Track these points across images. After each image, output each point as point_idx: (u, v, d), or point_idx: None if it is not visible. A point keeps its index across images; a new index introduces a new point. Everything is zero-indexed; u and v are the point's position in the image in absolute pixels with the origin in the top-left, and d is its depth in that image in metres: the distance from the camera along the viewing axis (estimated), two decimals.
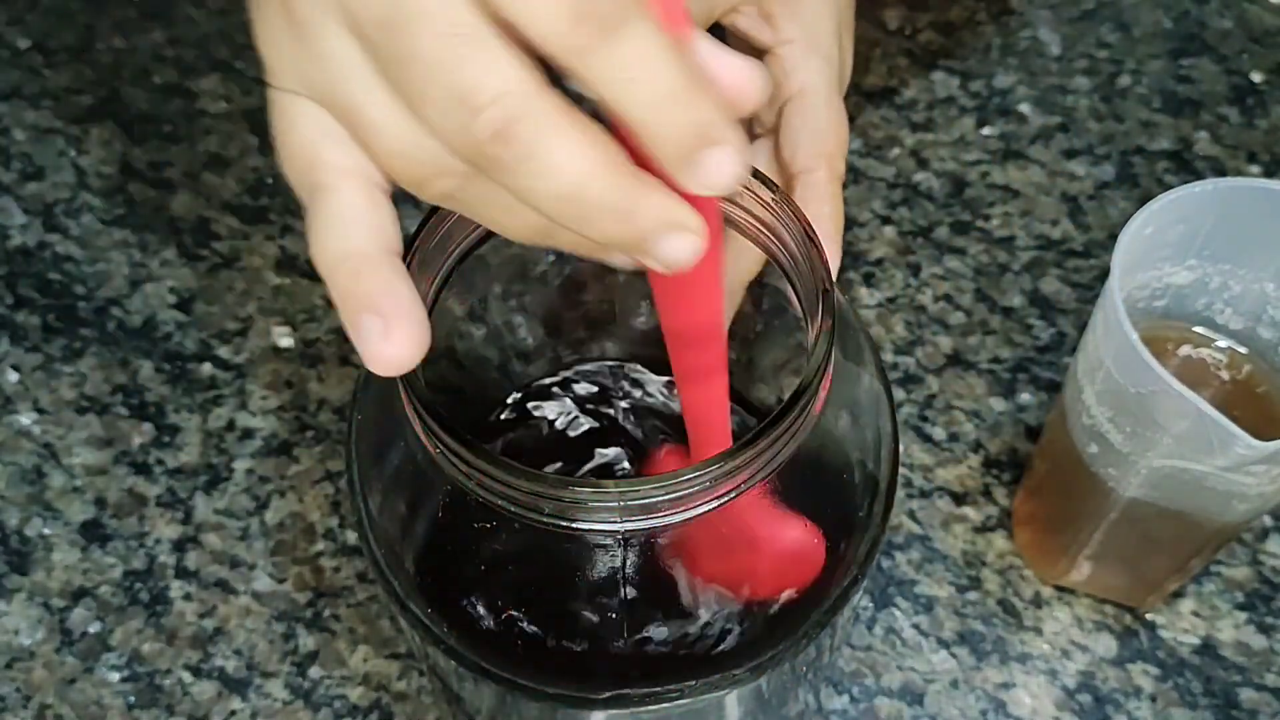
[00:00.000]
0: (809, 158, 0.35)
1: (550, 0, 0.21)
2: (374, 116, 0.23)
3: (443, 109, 0.21)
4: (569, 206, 0.22)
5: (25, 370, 0.50)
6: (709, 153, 0.22)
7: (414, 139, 0.22)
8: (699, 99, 0.22)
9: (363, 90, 0.22)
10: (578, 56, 0.21)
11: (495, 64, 0.21)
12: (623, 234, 0.23)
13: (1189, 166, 0.55)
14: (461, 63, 0.21)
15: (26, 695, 0.42)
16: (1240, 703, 0.42)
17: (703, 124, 0.22)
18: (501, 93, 0.21)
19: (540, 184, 0.22)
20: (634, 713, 0.29)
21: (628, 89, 0.21)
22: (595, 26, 0.21)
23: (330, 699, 0.42)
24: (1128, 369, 0.34)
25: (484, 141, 0.21)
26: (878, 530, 0.30)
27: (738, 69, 0.23)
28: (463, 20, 0.21)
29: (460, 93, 0.21)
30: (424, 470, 0.28)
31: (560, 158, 0.22)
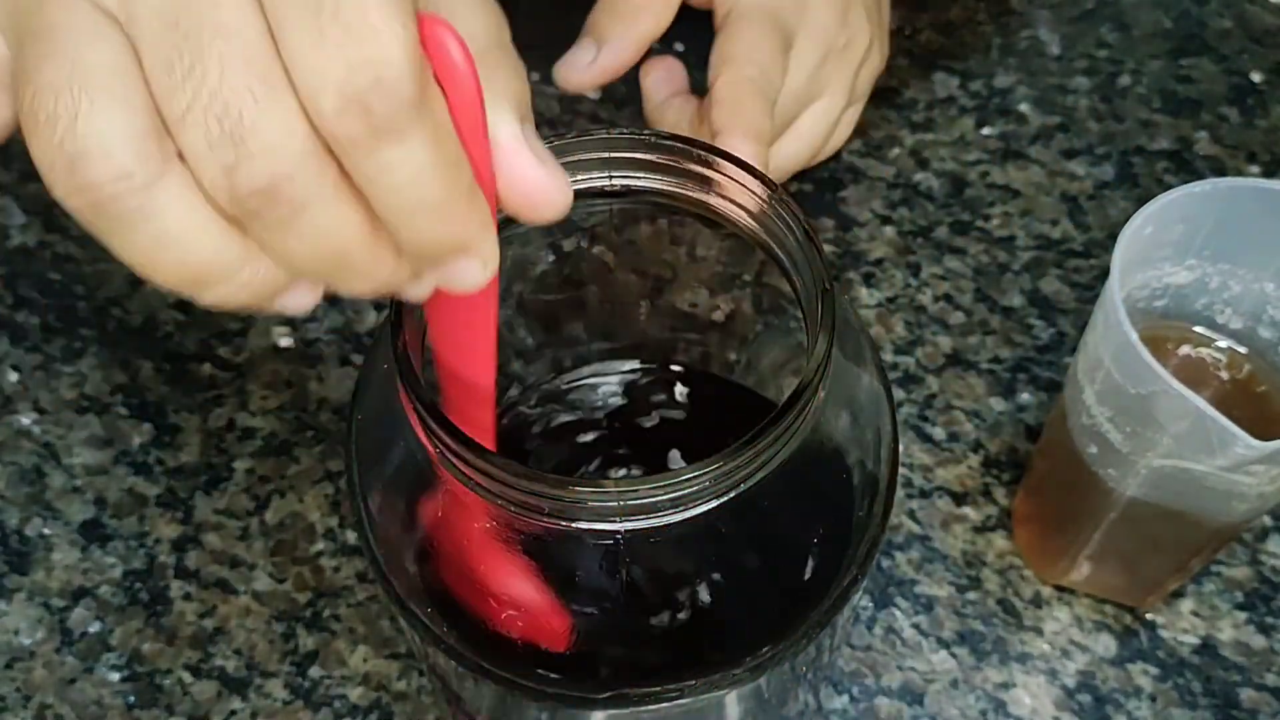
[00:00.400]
0: (714, 68, 0.37)
1: (328, 73, 0.19)
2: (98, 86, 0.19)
3: (208, 139, 0.19)
4: (319, 270, 0.21)
5: (25, 370, 0.50)
6: (455, 262, 0.22)
7: (132, 142, 0.20)
8: (457, 215, 0.21)
9: (105, 57, 0.20)
10: (339, 144, 0.20)
11: (280, 113, 0.19)
12: (368, 292, 0.22)
13: (1189, 166, 0.55)
14: (246, 98, 0.19)
15: (26, 695, 0.42)
16: (1240, 703, 0.42)
17: (455, 239, 0.22)
18: (277, 145, 0.19)
19: (298, 248, 0.21)
20: (634, 713, 0.29)
21: (384, 194, 0.20)
22: (364, 123, 0.19)
23: (330, 699, 0.42)
24: (1128, 369, 0.34)
25: (245, 192, 0.20)
26: (878, 530, 0.30)
27: (537, 180, 0.22)
28: (257, 51, 0.19)
29: (236, 130, 0.19)
30: (424, 470, 0.28)
31: (325, 227, 0.20)
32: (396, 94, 0.19)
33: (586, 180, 0.31)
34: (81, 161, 0.19)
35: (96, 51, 0.20)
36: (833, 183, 0.54)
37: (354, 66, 0.19)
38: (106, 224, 0.20)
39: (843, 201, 0.54)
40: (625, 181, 0.31)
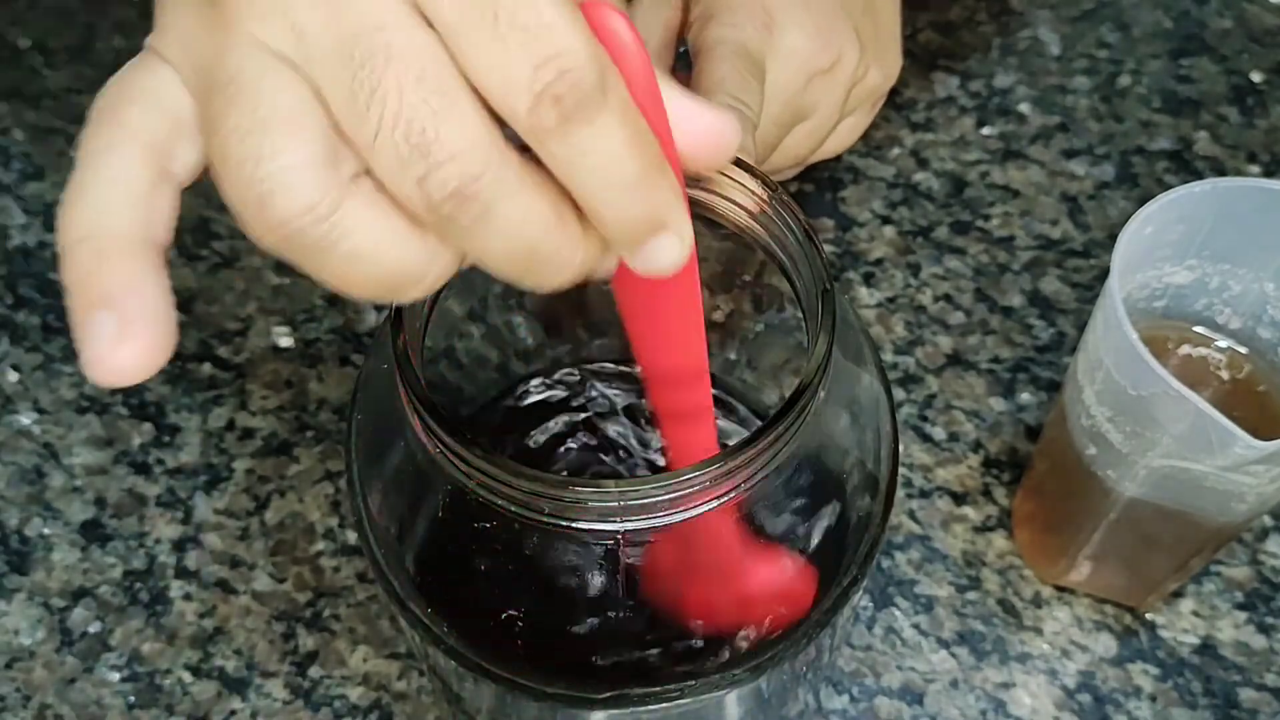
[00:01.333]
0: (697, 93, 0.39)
1: (515, 75, 0.20)
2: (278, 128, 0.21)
3: (399, 157, 0.20)
4: (515, 264, 0.22)
5: (25, 370, 0.50)
6: (655, 240, 0.23)
7: (313, 174, 0.21)
8: (653, 189, 0.22)
9: (282, 98, 0.21)
10: (535, 136, 0.21)
11: (459, 118, 0.20)
12: (564, 282, 0.23)
13: (1189, 166, 0.55)
14: (425, 111, 0.20)
15: (26, 695, 0.42)
16: (1240, 703, 0.42)
17: (653, 213, 0.22)
18: (462, 149, 0.20)
19: (493, 244, 0.21)
20: (634, 713, 0.29)
21: (582, 177, 0.21)
22: (557, 111, 0.20)
23: (330, 699, 0.42)
24: (1127, 369, 0.34)
25: (439, 199, 0.21)
26: (878, 530, 0.30)
27: (710, 124, 0.23)
28: (429, 65, 0.20)
29: (421, 143, 0.20)
30: (424, 470, 0.28)
31: (516, 219, 0.21)
32: (583, 81, 0.20)
33: None
34: (270, 201, 0.20)
35: (272, 94, 0.21)
36: (833, 183, 0.54)
37: (539, 64, 0.20)
38: (303, 254, 0.21)
39: (843, 201, 0.54)
40: None
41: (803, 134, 0.43)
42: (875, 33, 0.44)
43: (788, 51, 0.41)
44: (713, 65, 0.39)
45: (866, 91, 0.45)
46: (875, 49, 0.44)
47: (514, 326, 0.37)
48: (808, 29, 0.41)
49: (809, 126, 0.43)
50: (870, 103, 0.46)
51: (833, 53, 0.42)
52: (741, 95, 0.39)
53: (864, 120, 0.47)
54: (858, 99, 0.45)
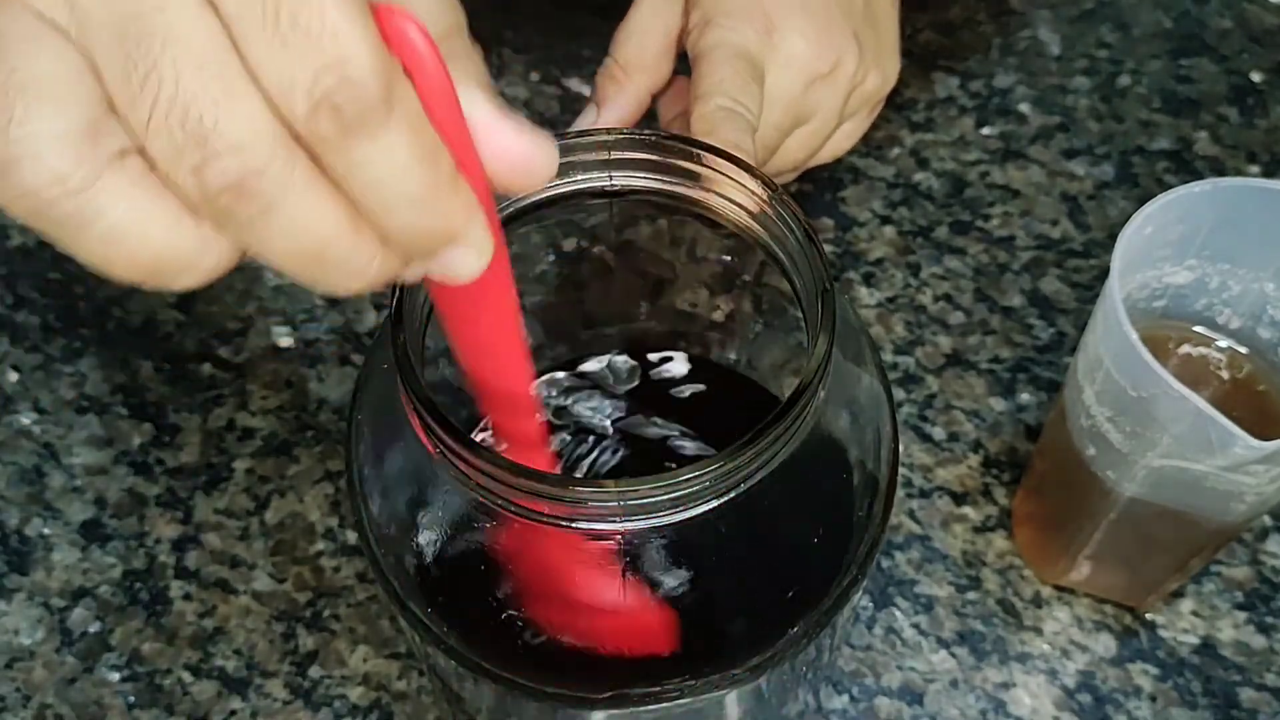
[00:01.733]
0: (689, 108, 0.39)
1: (293, 78, 0.19)
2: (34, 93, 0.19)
3: (173, 143, 0.19)
4: (301, 265, 0.21)
5: (25, 370, 0.50)
6: (448, 252, 0.22)
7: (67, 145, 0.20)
8: (440, 203, 0.21)
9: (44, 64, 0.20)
10: (312, 143, 0.20)
11: (241, 110, 0.19)
12: (360, 288, 0.22)
13: (1189, 166, 0.55)
14: (204, 99, 0.19)
15: (26, 695, 0.42)
16: (1240, 703, 0.42)
17: (442, 227, 0.22)
18: (243, 142, 0.19)
19: (276, 243, 0.21)
20: (634, 712, 0.29)
21: (362, 190, 0.20)
22: (335, 122, 0.19)
23: (330, 699, 0.42)
24: (1127, 369, 0.34)
25: (216, 190, 0.20)
26: (878, 530, 0.30)
27: (523, 149, 0.22)
28: (211, 52, 0.19)
29: (198, 131, 0.19)
30: (424, 470, 0.28)
31: (302, 220, 0.20)
32: (364, 92, 0.19)
33: (586, 180, 0.30)
34: (15, 167, 0.19)
35: (35, 59, 0.20)
36: (833, 183, 0.54)
37: (319, 70, 0.19)
38: (50, 227, 0.20)
39: (843, 201, 0.54)
40: (625, 181, 0.31)
41: (802, 137, 0.43)
42: (874, 37, 0.44)
43: (787, 56, 0.41)
44: (712, 69, 0.40)
45: (865, 95, 0.45)
46: (874, 53, 0.44)
47: None
48: (807, 33, 0.41)
49: (808, 130, 0.43)
50: (869, 107, 0.46)
51: (832, 57, 0.42)
52: (741, 98, 0.39)
53: (863, 124, 0.47)
54: (857, 103, 0.45)
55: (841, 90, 0.43)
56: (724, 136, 0.38)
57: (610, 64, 0.44)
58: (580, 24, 0.60)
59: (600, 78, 0.44)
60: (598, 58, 0.44)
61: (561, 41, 0.59)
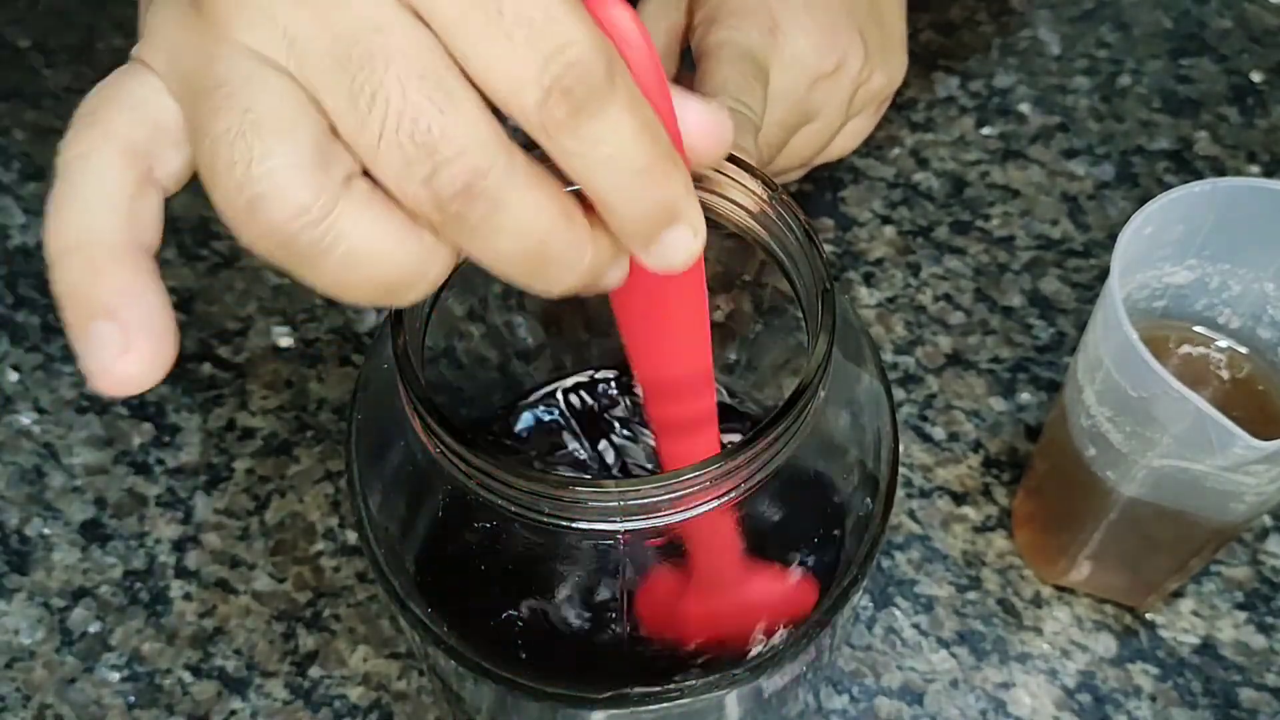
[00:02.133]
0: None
1: (522, 70, 0.20)
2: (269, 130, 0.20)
3: (405, 157, 0.20)
4: (523, 264, 0.22)
5: (25, 370, 0.50)
6: (669, 232, 0.22)
7: (304, 175, 0.20)
8: (665, 178, 0.22)
9: (272, 102, 0.20)
10: (545, 130, 0.20)
11: (464, 114, 0.20)
12: (572, 284, 0.22)
13: (1189, 166, 0.55)
14: (430, 109, 0.20)
15: (26, 695, 0.42)
16: (1240, 703, 0.42)
17: (666, 203, 0.22)
18: (469, 145, 0.20)
19: (501, 243, 0.21)
20: (634, 712, 0.29)
21: (594, 169, 0.21)
22: (567, 104, 0.20)
23: (330, 699, 0.42)
24: (1127, 369, 0.34)
25: (448, 196, 0.20)
26: (878, 530, 0.30)
27: (709, 118, 0.23)
28: (430, 64, 0.20)
29: (427, 141, 0.20)
30: (424, 470, 0.28)
31: (525, 216, 0.21)
32: (591, 72, 0.20)
33: None
34: (260, 204, 0.20)
35: (262, 98, 0.20)
36: (833, 183, 0.54)
37: (547, 57, 0.20)
38: (297, 259, 0.21)
39: (843, 201, 0.54)
40: None
41: (807, 136, 0.43)
42: (880, 35, 0.44)
43: (792, 55, 0.41)
44: (716, 68, 0.39)
45: (871, 94, 0.45)
46: (880, 51, 0.44)
47: (514, 326, 0.37)
48: (812, 32, 0.41)
49: (813, 129, 0.43)
50: (875, 105, 0.46)
51: (837, 56, 0.42)
52: (745, 98, 0.39)
53: (869, 123, 0.47)
54: (862, 102, 0.45)
55: (846, 89, 0.43)
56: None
57: None
58: None
59: None
60: None
61: None
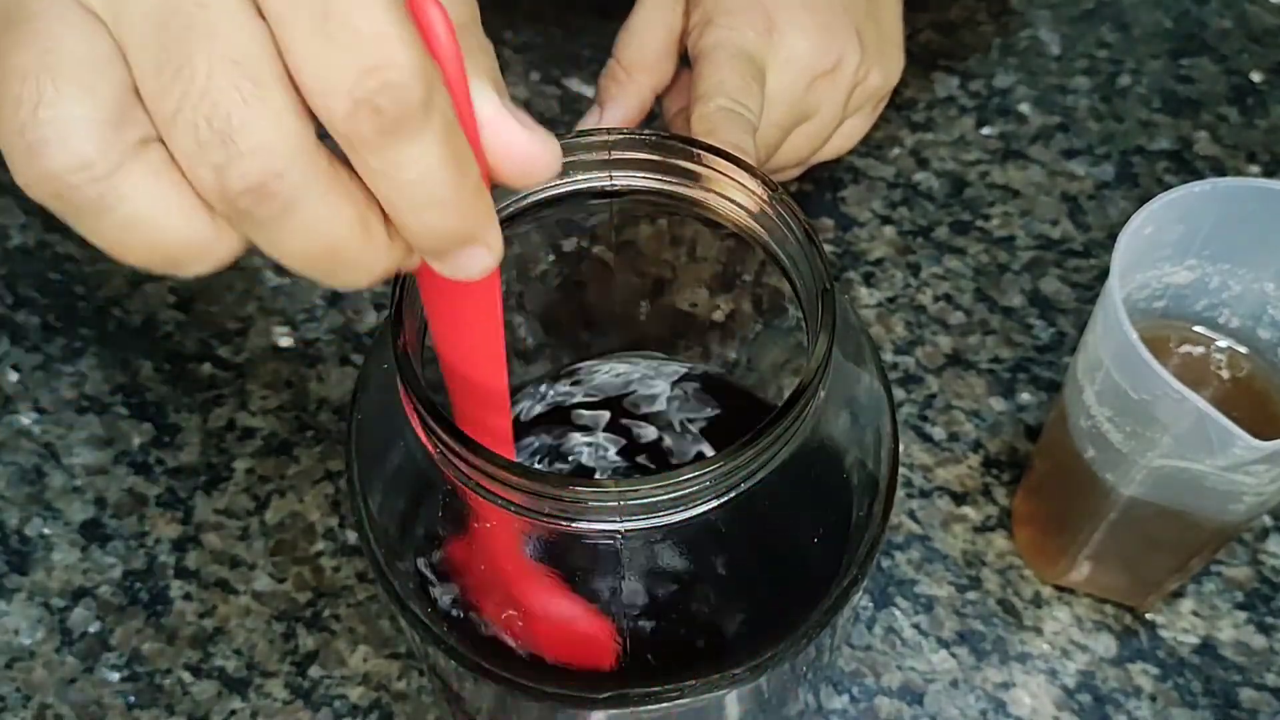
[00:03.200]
0: (690, 108, 0.39)
1: (337, 78, 0.19)
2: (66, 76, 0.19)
3: (198, 139, 0.19)
4: (311, 264, 0.21)
5: (25, 370, 0.50)
6: (463, 252, 0.22)
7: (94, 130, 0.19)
8: (467, 210, 0.21)
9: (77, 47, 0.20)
10: (349, 143, 0.20)
11: (270, 111, 0.19)
12: (364, 285, 0.22)
13: (1189, 166, 0.55)
14: (234, 97, 0.19)
15: (26, 695, 0.42)
16: (1240, 703, 0.42)
17: (464, 229, 0.22)
18: (268, 143, 0.19)
19: (289, 243, 0.21)
20: (634, 712, 0.29)
21: (394, 191, 0.21)
22: (375, 123, 0.19)
23: (330, 699, 0.42)
24: (1127, 369, 0.34)
25: (236, 191, 0.20)
26: (878, 530, 0.30)
27: (527, 147, 0.22)
28: (247, 52, 0.19)
29: (224, 129, 0.19)
30: (424, 470, 0.28)
31: (317, 222, 0.20)
32: (406, 95, 0.19)
33: (586, 180, 0.31)
34: (41, 149, 0.19)
35: (68, 42, 0.20)
36: (833, 183, 0.54)
37: (365, 71, 0.19)
38: (70, 211, 0.20)
39: (843, 201, 0.54)
40: (625, 181, 0.31)
41: (804, 135, 0.43)
42: (877, 34, 0.44)
43: (789, 55, 0.41)
44: (713, 68, 0.40)
45: (868, 93, 0.45)
46: (877, 50, 0.44)
47: (514, 326, 0.37)
48: (808, 32, 0.41)
49: (811, 128, 0.43)
50: (872, 104, 0.46)
51: (834, 55, 0.42)
52: (742, 98, 0.39)
53: (866, 121, 0.47)
54: (859, 100, 0.45)
55: (843, 88, 0.43)
56: (724, 137, 0.38)
57: (612, 64, 0.44)
58: (580, 24, 0.60)
59: (603, 78, 0.44)
60: (598, 58, 0.44)
61: (561, 41, 0.59)
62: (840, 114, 0.44)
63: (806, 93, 0.42)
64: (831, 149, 0.46)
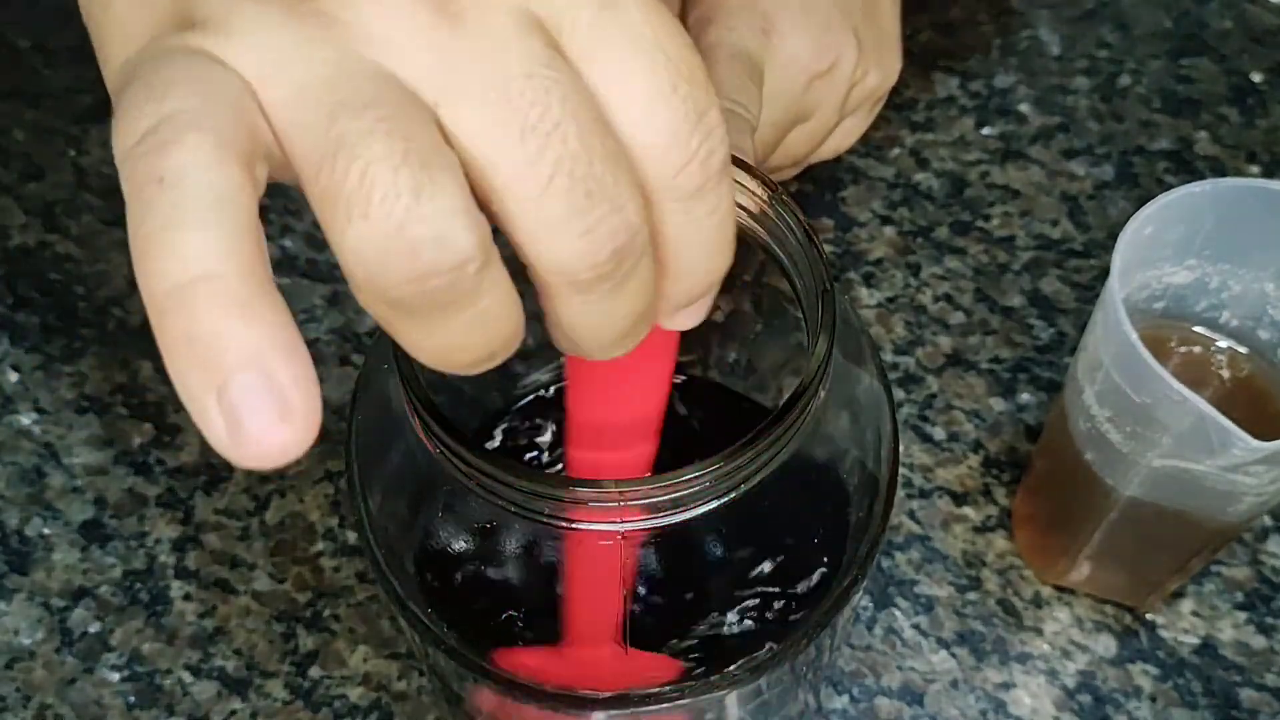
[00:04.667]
0: None
1: (675, 137, 0.19)
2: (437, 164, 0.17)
3: (570, 204, 0.18)
4: (634, 325, 0.21)
5: (25, 370, 0.50)
6: (708, 297, 0.22)
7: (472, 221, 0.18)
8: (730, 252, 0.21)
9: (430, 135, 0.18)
10: (675, 194, 0.20)
11: (622, 165, 0.19)
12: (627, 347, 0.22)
13: (1189, 166, 0.55)
14: (597, 154, 0.18)
15: (26, 695, 0.42)
16: (1240, 703, 0.42)
17: (718, 274, 0.22)
18: (625, 201, 0.19)
19: (624, 305, 0.20)
20: (634, 712, 0.29)
21: (700, 235, 0.21)
22: (702, 172, 0.19)
23: (330, 699, 0.42)
24: (1127, 369, 0.34)
25: (607, 253, 0.19)
26: (878, 530, 0.30)
27: None
28: (592, 116, 0.18)
29: (594, 190, 0.18)
30: (424, 470, 0.28)
31: (646, 279, 0.20)
32: (722, 135, 0.19)
33: None
34: (423, 246, 0.17)
35: (421, 130, 0.18)
36: (833, 183, 0.54)
37: (696, 121, 0.19)
38: (420, 311, 0.18)
39: (843, 201, 0.54)
40: None
41: (802, 135, 0.43)
42: (875, 34, 0.44)
43: (786, 54, 0.41)
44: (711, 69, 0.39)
45: (866, 92, 0.45)
46: (874, 50, 0.44)
47: None
48: (805, 32, 0.41)
49: (808, 128, 0.43)
50: (870, 103, 0.46)
51: (831, 55, 0.42)
52: (741, 98, 0.39)
53: (864, 121, 0.47)
54: (857, 100, 0.45)
55: (841, 88, 0.43)
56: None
57: None
58: None
59: None
60: None
61: None
62: (838, 114, 0.44)
63: (804, 93, 0.42)
64: (829, 149, 0.46)
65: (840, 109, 0.44)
